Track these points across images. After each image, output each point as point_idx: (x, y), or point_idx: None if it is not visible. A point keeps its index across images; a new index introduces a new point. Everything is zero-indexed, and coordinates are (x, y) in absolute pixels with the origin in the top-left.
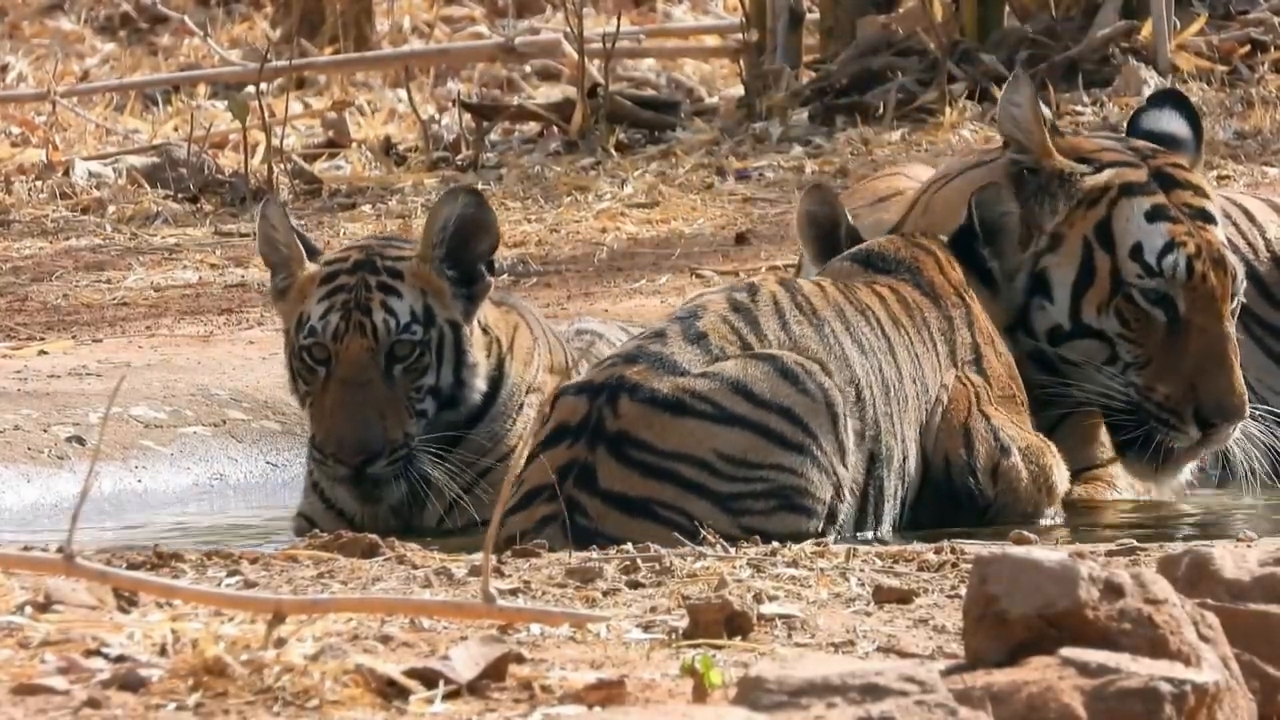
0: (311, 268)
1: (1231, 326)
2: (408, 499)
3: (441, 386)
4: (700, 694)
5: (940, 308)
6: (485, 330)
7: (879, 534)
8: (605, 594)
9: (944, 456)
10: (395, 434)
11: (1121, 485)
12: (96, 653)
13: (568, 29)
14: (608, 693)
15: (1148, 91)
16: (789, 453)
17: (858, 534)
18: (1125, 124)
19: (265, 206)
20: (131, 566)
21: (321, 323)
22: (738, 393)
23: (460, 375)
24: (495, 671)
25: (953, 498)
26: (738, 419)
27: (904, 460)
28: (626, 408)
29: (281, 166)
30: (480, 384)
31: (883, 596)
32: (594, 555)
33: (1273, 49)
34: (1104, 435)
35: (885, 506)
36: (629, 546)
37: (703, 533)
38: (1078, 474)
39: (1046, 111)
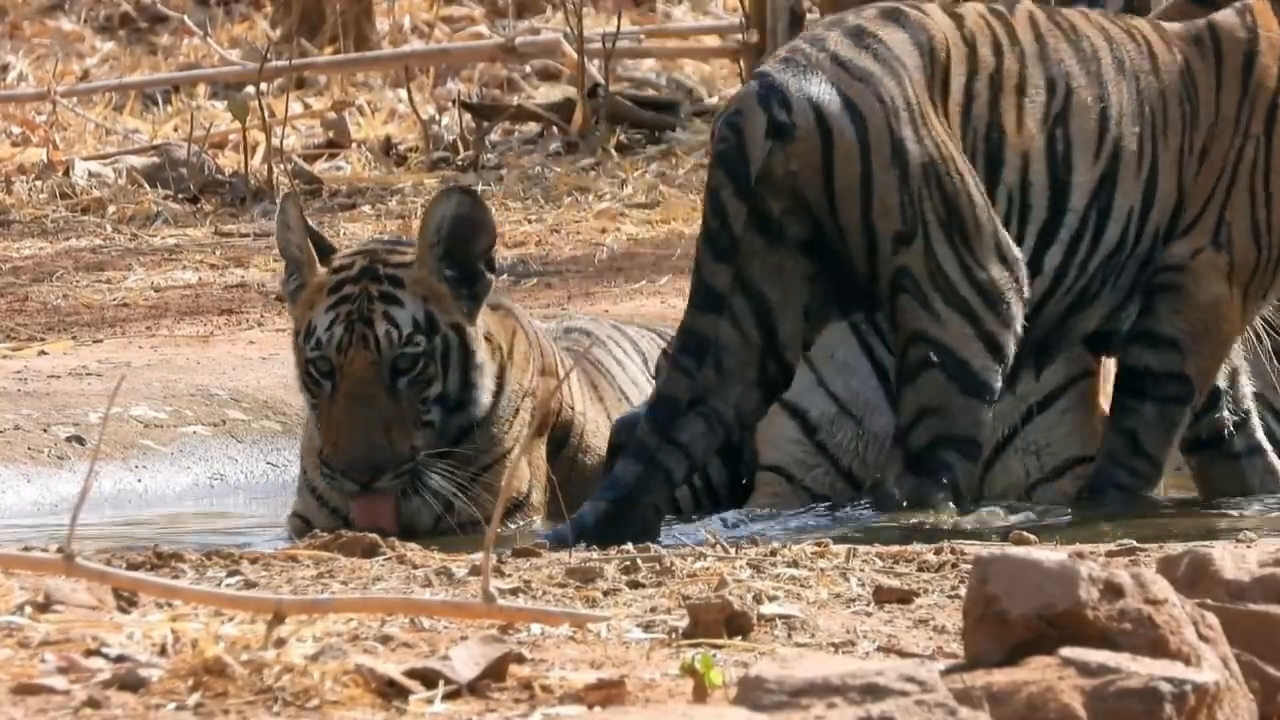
0: (321, 274)
1: None
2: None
3: (449, 393)
4: (700, 694)
5: None
6: (488, 338)
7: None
8: (605, 594)
9: None
10: (402, 448)
11: None
12: (96, 653)
13: (568, 29)
14: (608, 693)
15: None
16: None
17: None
18: None
19: (284, 202)
20: (131, 566)
21: (327, 334)
22: None
23: (469, 377)
24: (495, 671)
25: None
26: None
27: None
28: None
29: (281, 167)
30: (489, 383)
31: (883, 596)
32: (594, 555)
33: None
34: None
35: (1109, 220)
36: (629, 546)
37: (704, 534)
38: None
39: None
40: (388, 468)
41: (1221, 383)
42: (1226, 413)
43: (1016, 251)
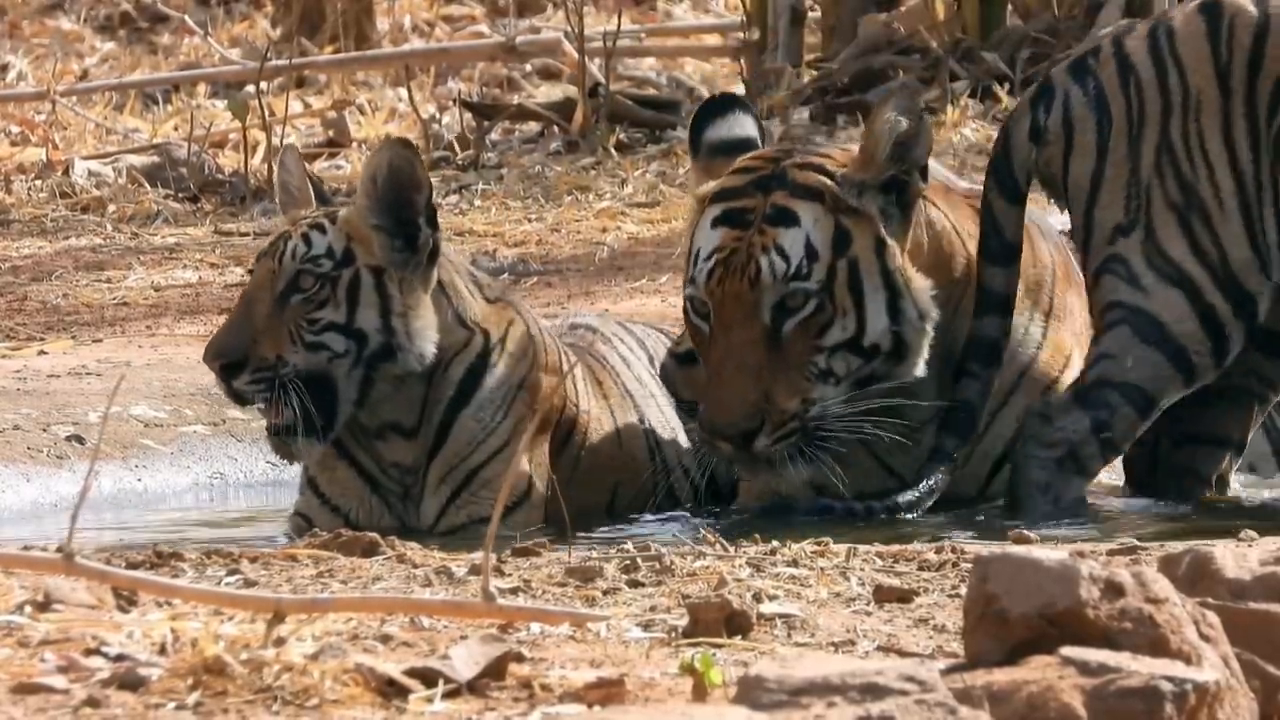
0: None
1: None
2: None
3: (363, 329)
4: (700, 693)
5: None
6: (464, 322)
7: None
8: (605, 593)
9: None
10: (265, 353)
11: None
12: (96, 652)
13: (568, 28)
14: (607, 692)
15: None
16: None
17: None
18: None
19: (283, 154)
20: (131, 566)
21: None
22: None
23: (389, 322)
24: (495, 670)
25: None
26: None
27: None
28: None
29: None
30: (425, 344)
31: (883, 596)
32: (594, 555)
33: None
34: None
35: None
36: (629, 545)
37: (703, 532)
38: None
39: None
40: (245, 366)
41: None
42: None
43: (1275, 237)
